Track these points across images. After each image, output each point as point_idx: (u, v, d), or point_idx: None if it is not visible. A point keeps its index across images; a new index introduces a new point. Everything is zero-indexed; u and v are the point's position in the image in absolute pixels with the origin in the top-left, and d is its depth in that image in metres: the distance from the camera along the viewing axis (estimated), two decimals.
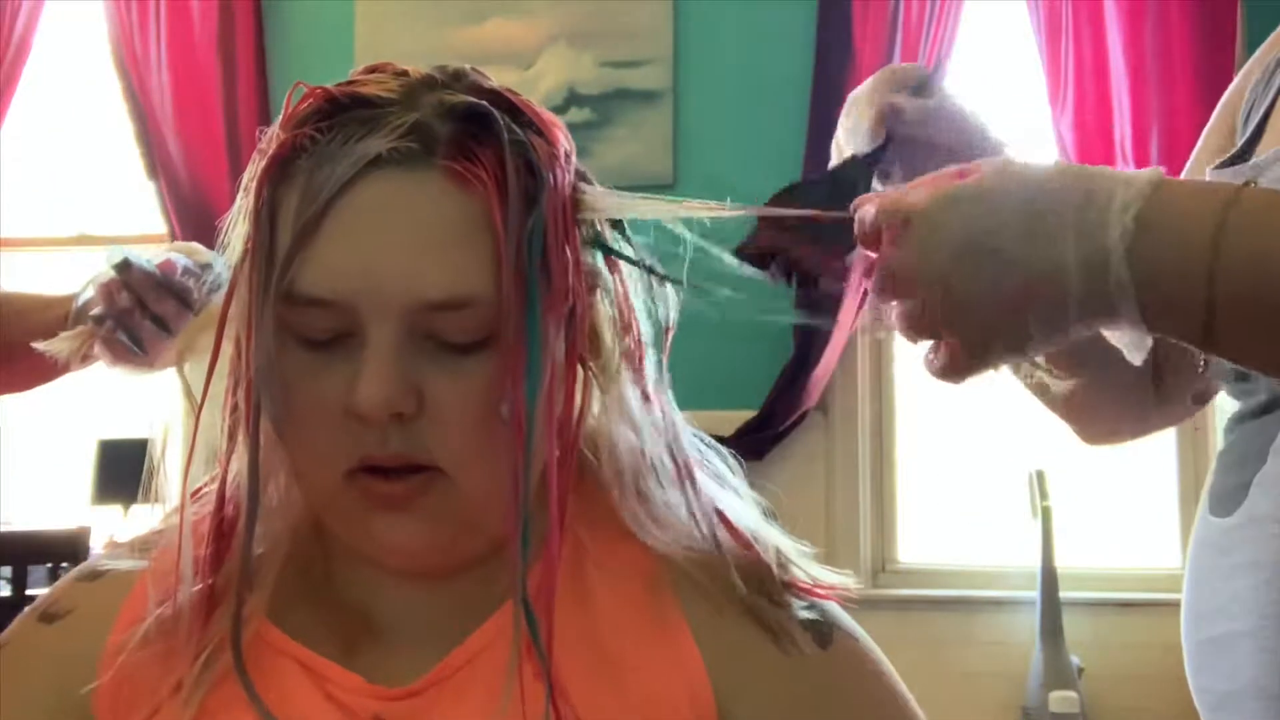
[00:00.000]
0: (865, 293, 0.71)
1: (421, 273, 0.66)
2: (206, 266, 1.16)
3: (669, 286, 0.78)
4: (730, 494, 0.79)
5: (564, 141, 0.73)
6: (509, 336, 0.67)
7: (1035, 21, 2.90)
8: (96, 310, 1.13)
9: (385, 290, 0.66)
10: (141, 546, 0.78)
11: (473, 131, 0.68)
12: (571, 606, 0.72)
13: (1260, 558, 0.83)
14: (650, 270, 0.76)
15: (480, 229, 0.67)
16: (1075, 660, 2.73)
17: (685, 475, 0.75)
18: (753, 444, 2.94)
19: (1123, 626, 2.81)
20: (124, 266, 1.12)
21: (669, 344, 0.79)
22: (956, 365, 0.69)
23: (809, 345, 2.94)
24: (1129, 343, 0.70)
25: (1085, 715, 2.67)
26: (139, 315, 1.12)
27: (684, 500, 0.75)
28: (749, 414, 2.96)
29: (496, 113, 0.69)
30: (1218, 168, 0.92)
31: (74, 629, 0.75)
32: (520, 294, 0.67)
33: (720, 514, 0.76)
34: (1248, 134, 0.92)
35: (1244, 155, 0.91)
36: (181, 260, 1.14)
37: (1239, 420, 0.90)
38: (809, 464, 3.02)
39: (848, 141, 0.91)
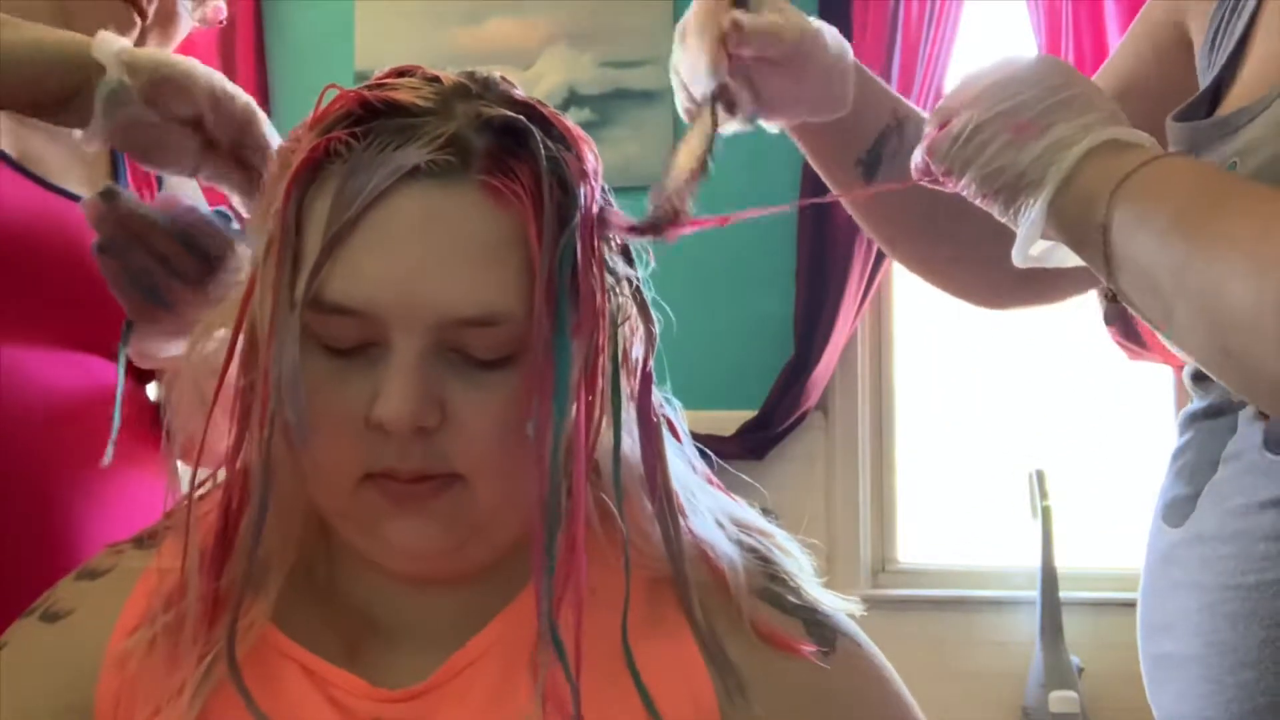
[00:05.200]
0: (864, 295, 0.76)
1: (454, 288, 0.66)
2: (221, 215, 0.92)
3: (657, 305, 0.77)
4: (712, 516, 0.77)
5: (591, 158, 0.73)
6: (539, 355, 0.66)
7: (1035, 21, 2.90)
8: (95, 240, 0.90)
9: (417, 304, 0.65)
10: (141, 545, 0.78)
11: (509, 146, 0.68)
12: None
13: (1205, 579, 0.80)
14: (641, 300, 0.76)
15: (512, 245, 0.67)
16: (1075, 660, 2.73)
17: (665, 495, 0.74)
18: (753, 444, 2.93)
19: (1123, 626, 2.78)
20: (110, 195, 0.88)
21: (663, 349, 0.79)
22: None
23: (809, 345, 2.93)
24: (1021, 235, 0.76)
25: (1085, 715, 2.67)
26: (152, 262, 0.90)
27: (664, 523, 0.74)
28: (749, 414, 2.96)
29: (534, 128, 0.68)
30: (1179, 117, 0.88)
31: (75, 628, 0.75)
32: (551, 313, 0.67)
33: (701, 545, 0.75)
34: (1215, 72, 0.88)
35: (1214, 99, 0.87)
36: (186, 200, 0.92)
37: (1192, 419, 0.87)
38: (809, 464, 3.02)
39: (692, 78, 0.90)
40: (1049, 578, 2.76)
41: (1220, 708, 0.78)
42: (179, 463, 0.80)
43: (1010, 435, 3.05)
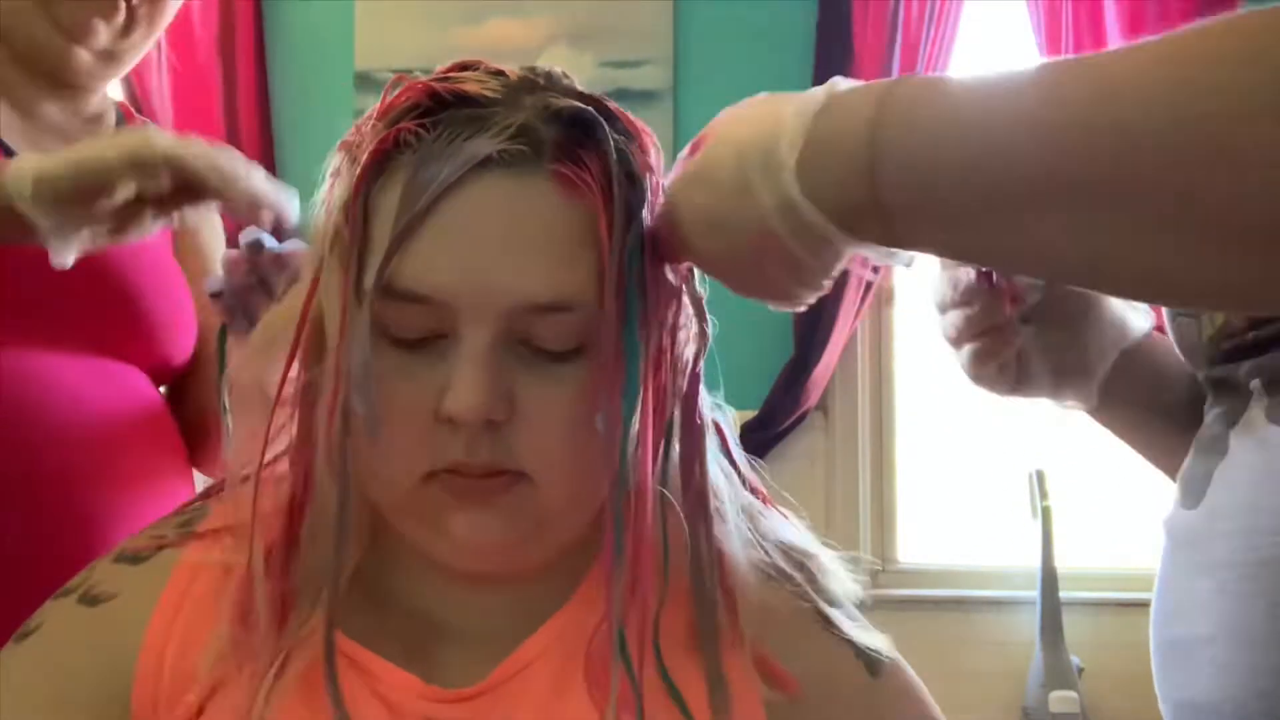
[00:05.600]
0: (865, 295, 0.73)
1: (526, 274, 0.65)
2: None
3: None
4: (742, 532, 0.77)
5: (654, 151, 0.73)
6: (609, 348, 0.66)
7: (1035, 21, 2.90)
8: (217, 287, 1.00)
9: (487, 290, 0.65)
10: (183, 528, 0.77)
11: (577, 137, 0.68)
12: None
13: (1219, 558, 0.79)
14: (695, 298, 0.75)
15: (582, 236, 0.67)
16: (1075, 660, 2.73)
17: (697, 499, 0.74)
18: (753, 444, 2.93)
19: (1123, 626, 2.81)
20: (257, 248, 0.98)
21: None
22: None
23: (809, 345, 2.93)
24: (880, 256, 0.65)
25: (1085, 715, 2.67)
26: (264, 297, 0.99)
27: (693, 527, 0.73)
28: (749, 414, 2.96)
29: (602, 119, 0.69)
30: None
31: (118, 614, 0.73)
32: (621, 305, 0.66)
33: (722, 557, 0.74)
34: None
35: None
36: (269, 241, 1.00)
37: (1215, 388, 0.86)
38: (809, 464, 3.02)
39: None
40: (1049, 578, 2.76)
41: (1229, 689, 0.77)
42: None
43: (1010, 435, 3.05)
